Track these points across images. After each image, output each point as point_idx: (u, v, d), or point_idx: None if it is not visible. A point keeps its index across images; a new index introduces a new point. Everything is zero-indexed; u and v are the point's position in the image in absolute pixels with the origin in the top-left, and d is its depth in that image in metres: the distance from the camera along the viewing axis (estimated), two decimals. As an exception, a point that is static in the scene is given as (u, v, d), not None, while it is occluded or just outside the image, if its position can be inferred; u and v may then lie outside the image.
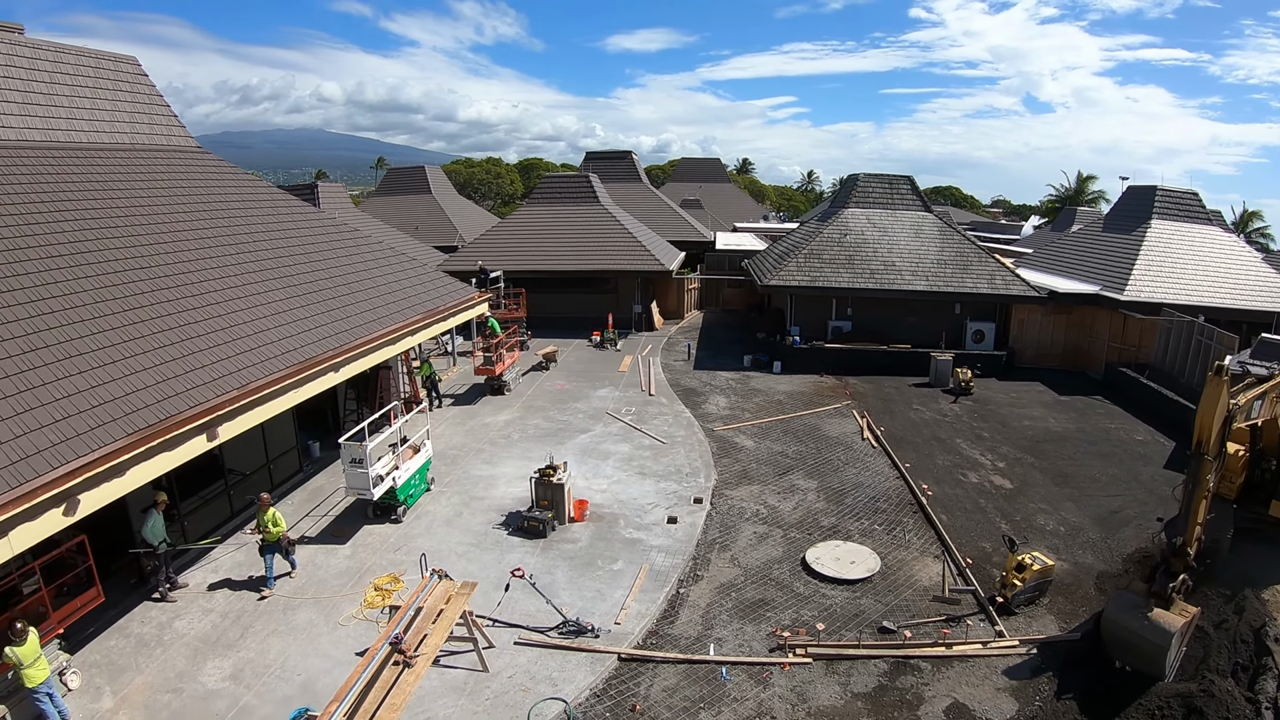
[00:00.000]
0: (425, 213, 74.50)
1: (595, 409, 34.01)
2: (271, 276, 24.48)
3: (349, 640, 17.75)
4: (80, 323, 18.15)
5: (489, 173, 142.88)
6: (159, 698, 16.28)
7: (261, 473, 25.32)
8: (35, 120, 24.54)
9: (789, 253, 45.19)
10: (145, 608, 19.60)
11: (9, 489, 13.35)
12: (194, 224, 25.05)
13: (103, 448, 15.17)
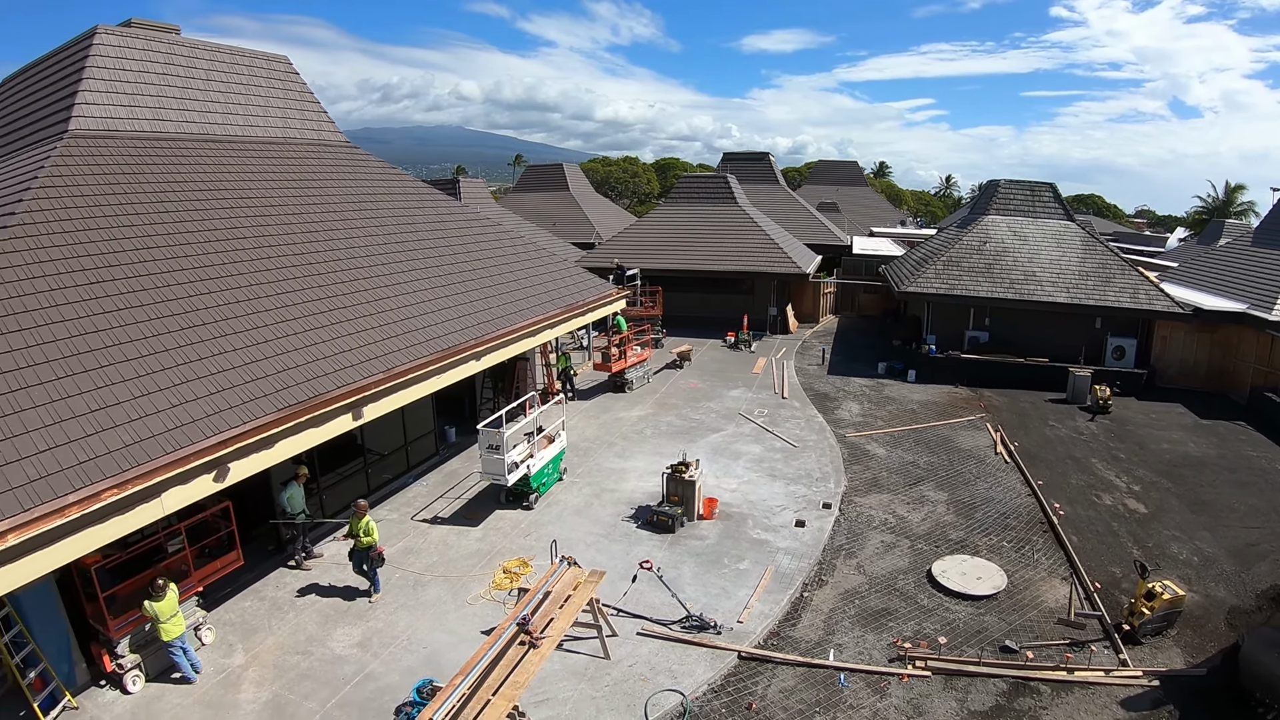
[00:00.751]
0: (563, 209, 75.22)
1: (728, 409, 34.04)
2: (417, 266, 25.33)
3: (475, 619, 18.34)
4: (236, 304, 19.38)
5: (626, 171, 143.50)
6: (288, 658, 17.27)
7: (399, 454, 26.30)
8: (193, 115, 26.09)
9: (927, 259, 44.24)
10: (280, 574, 20.81)
11: (164, 454, 14.44)
12: (343, 214, 26.17)
13: (253, 421, 16.18)
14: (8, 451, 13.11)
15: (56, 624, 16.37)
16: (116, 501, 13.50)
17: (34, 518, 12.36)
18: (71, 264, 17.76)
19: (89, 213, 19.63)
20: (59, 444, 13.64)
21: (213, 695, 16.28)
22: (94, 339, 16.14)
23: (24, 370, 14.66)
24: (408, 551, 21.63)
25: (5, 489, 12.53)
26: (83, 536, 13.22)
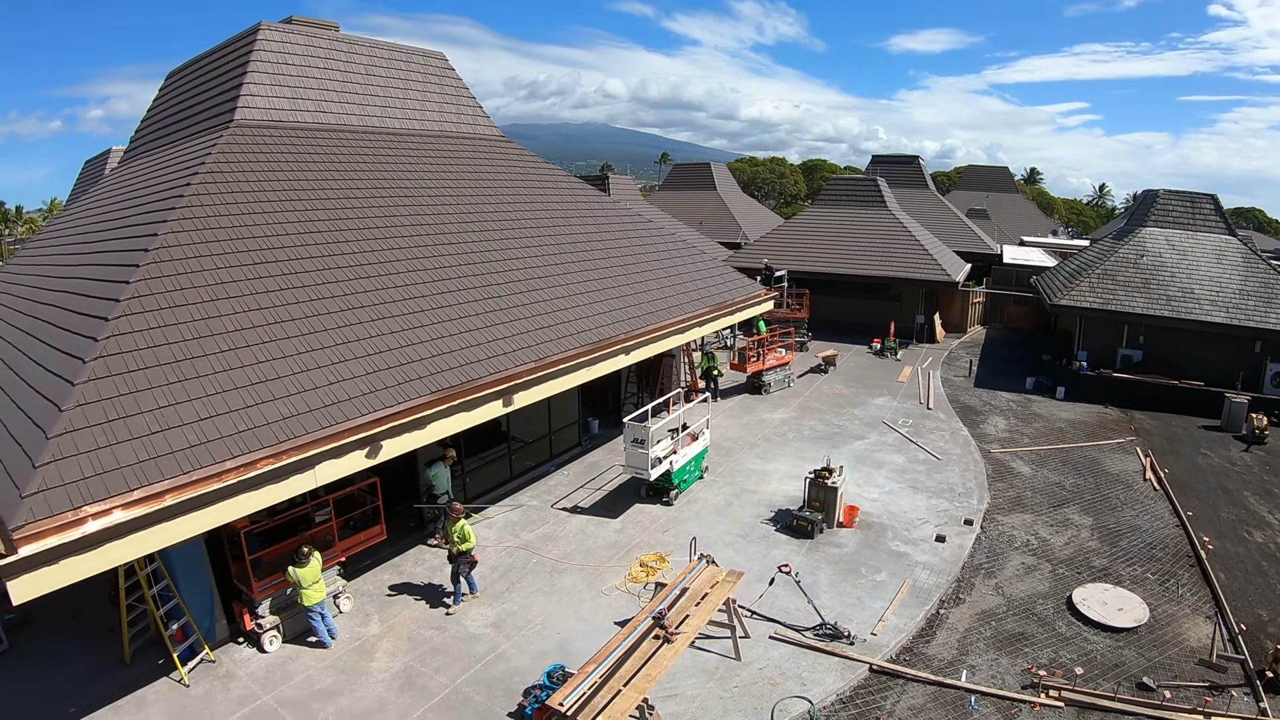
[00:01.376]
0: (710, 208, 75.08)
1: (872, 417, 33.43)
2: (569, 259, 25.67)
3: (609, 609, 18.49)
4: (393, 289, 20.04)
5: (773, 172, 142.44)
6: (422, 632, 17.86)
7: (543, 442, 26.74)
8: (352, 107, 27.17)
9: (1080, 272, 42.25)
10: (419, 551, 21.56)
11: (320, 428, 15.09)
12: (498, 206, 26.76)
13: (407, 401, 16.73)
14: (171, 417, 13.94)
15: (202, 581, 17.46)
16: (272, 470, 14.16)
17: (192, 480, 13.08)
18: (237, 245, 18.76)
19: (254, 197, 20.68)
20: (220, 413, 14.41)
21: (346, 661, 16.99)
22: (256, 316, 16.99)
23: (189, 342, 15.55)
24: (546, 538, 21.97)
25: (167, 452, 13.31)
26: (237, 501, 13.90)
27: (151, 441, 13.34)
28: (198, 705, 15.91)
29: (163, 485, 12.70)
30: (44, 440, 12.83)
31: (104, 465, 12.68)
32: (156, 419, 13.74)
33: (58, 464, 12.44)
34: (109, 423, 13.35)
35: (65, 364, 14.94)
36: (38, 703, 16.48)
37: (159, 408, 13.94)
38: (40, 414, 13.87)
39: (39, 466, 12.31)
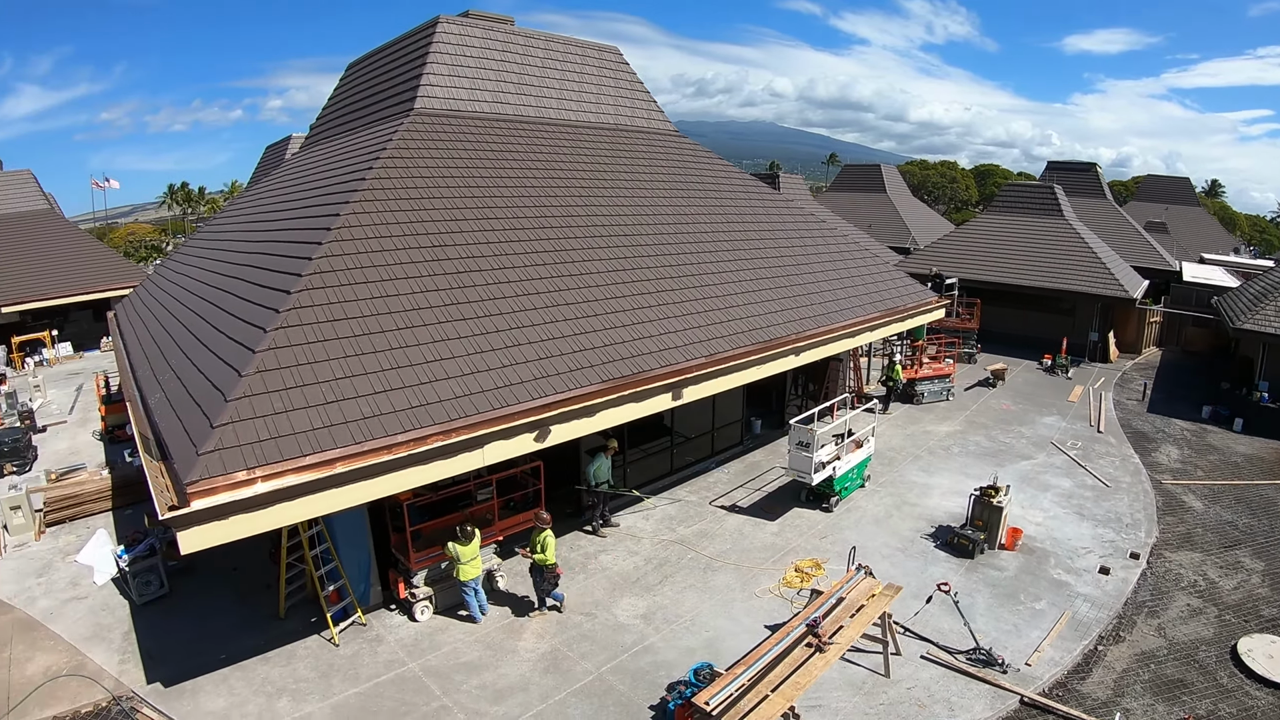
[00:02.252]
0: (879, 211, 73.65)
1: (1039, 436, 32.05)
2: (741, 256, 25.47)
3: (760, 611, 18.27)
4: (568, 278, 20.31)
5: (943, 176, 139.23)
6: (572, 617, 18.06)
7: (704, 439, 26.65)
8: (529, 99, 27.74)
9: (1266, 294, 38.77)
10: (576, 537, 21.78)
11: (491, 409, 15.39)
12: (672, 200, 26.77)
13: (578, 389, 16.91)
14: (346, 389, 14.48)
15: (362, 547, 18.22)
16: (442, 447, 14.50)
17: (364, 450, 13.53)
18: (416, 228, 19.38)
19: (432, 183, 21.34)
20: (394, 388, 14.89)
21: (494, 638, 17.35)
22: (433, 297, 17.49)
23: (367, 319, 16.16)
24: (702, 535, 21.88)
25: (341, 422, 13.83)
26: (405, 474, 14.32)
27: (326, 411, 13.86)
28: (345, 664, 16.66)
29: (335, 453, 13.19)
30: (223, 402, 13.51)
31: (279, 430, 13.25)
32: (333, 389, 14.28)
33: (234, 425, 13.07)
34: (286, 390, 13.96)
35: (247, 333, 15.71)
36: (193, 646, 17.69)
37: (335, 379, 14.48)
38: (221, 378, 14.63)
39: (216, 427, 12.97)
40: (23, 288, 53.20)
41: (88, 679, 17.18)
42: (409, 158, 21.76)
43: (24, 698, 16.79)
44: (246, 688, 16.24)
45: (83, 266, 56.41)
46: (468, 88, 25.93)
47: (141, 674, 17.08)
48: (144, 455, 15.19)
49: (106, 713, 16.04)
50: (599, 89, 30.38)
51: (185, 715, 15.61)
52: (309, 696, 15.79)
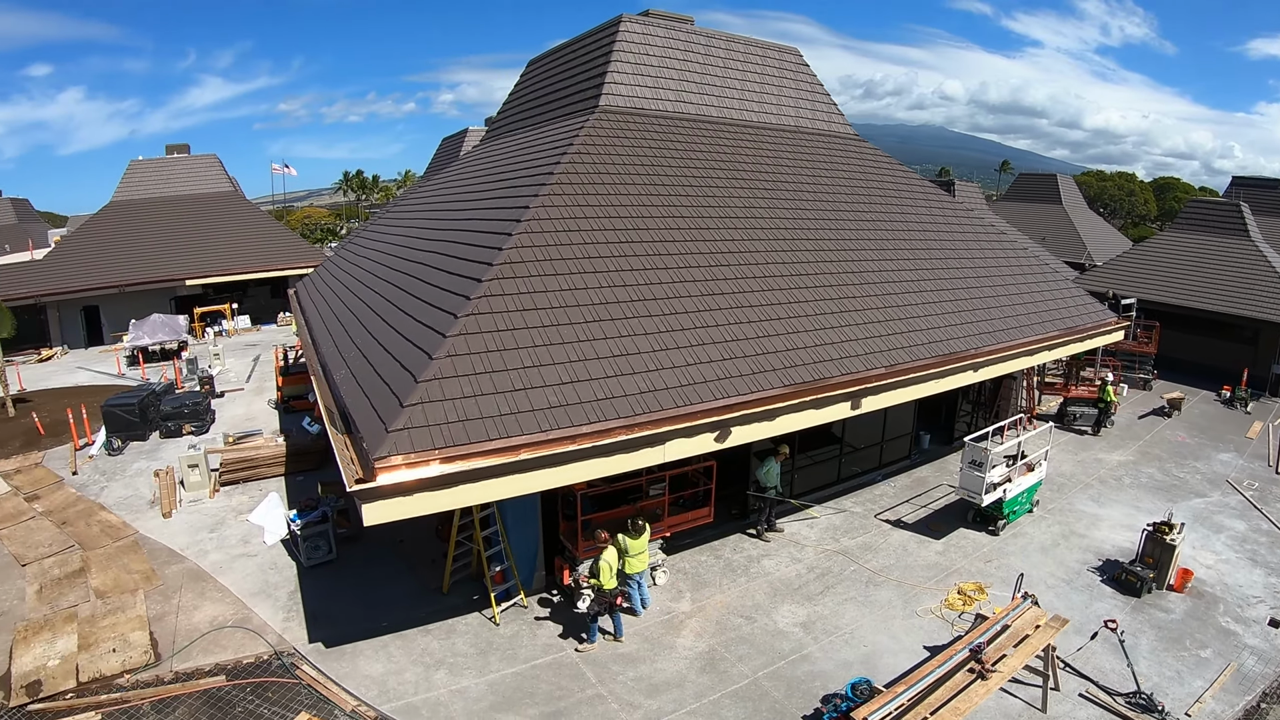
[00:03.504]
0: (1053, 223, 70.61)
1: (1214, 473, 30.27)
2: (921, 265, 24.87)
3: (920, 631, 17.84)
4: (751, 279, 20.24)
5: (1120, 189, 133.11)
6: (731, 619, 17.94)
7: (872, 450, 26.20)
8: (710, 98, 27.67)
9: None
10: (739, 539, 21.68)
11: (675, 406, 15.47)
12: (853, 205, 26.41)
13: (759, 392, 16.79)
14: (534, 378, 14.78)
15: (531, 532, 18.65)
16: (625, 441, 14.66)
17: (549, 439, 13.76)
18: (604, 222, 19.64)
19: (618, 179, 21.60)
20: (580, 379, 15.12)
21: (653, 632, 17.43)
22: (620, 292, 17.70)
23: (555, 310, 16.46)
24: (865, 548, 21.51)
25: (528, 409, 14.07)
26: (587, 465, 14.52)
27: (513, 398, 14.16)
28: (503, 644, 17.04)
29: (520, 440, 13.46)
30: (413, 383, 13.93)
31: (466, 414, 13.60)
32: (521, 377, 14.60)
33: (423, 406, 13.48)
34: (475, 375, 14.33)
35: (438, 318, 16.20)
36: (355, 611, 18.53)
37: (524, 367, 14.80)
38: (411, 360, 15.11)
39: (406, 406, 13.39)
40: (206, 263, 56.42)
41: (251, 632, 18.02)
42: (595, 154, 22.07)
43: (189, 643, 17.77)
44: (405, 656, 16.78)
45: (263, 245, 59.83)
46: (651, 86, 26.11)
47: (304, 632, 17.85)
48: (330, 428, 15.67)
49: (267, 665, 16.81)
50: (779, 90, 30.13)
51: (343, 676, 16.24)
52: (466, 671, 16.20)
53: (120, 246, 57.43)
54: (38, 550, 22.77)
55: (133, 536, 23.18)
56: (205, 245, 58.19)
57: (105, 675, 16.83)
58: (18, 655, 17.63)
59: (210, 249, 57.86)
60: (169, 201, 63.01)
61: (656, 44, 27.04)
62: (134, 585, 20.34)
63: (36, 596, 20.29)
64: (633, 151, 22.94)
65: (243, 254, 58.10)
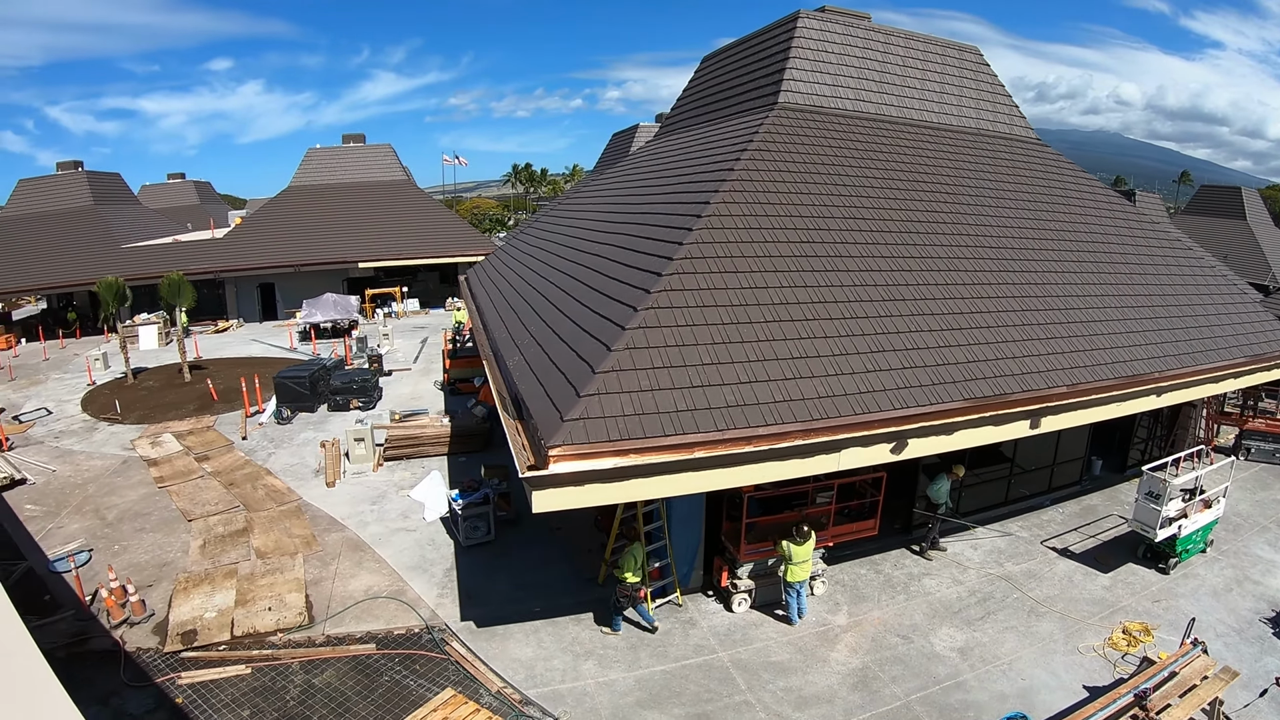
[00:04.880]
0: (1236, 241, 66.47)
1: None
2: (1105, 279, 23.62)
3: (1080, 668, 16.93)
4: (931, 286, 19.49)
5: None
6: (887, 637, 17.39)
7: (1042, 473, 25.09)
8: (889, 98, 26.99)
9: None
10: (901, 555, 21.07)
11: (853, 414, 14.96)
12: (1035, 214, 25.23)
13: (938, 404, 16.12)
14: (712, 375, 14.51)
15: (694, 530, 18.42)
16: (801, 446, 14.29)
17: (725, 439, 13.50)
18: (784, 221, 19.26)
19: (799, 177, 21.17)
20: (759, 380, 14.79)
21: (807, 643, 17.04)
22: (801, 293, 17.28)
23: (735, 308, 16.17)
24: (1029, 575, 20.58)
25: (704, 407, 13.87)
26: (761, 468, 14.24)
27: (690, 394, 13.95)
28: (655, 641, 16.99)
29: (696, 438, 13.23)
30: (590, 374, 13.87)
31: (642, 408, 13.44)
32: (699, 374, 14.37)
33: (600, 397, 13.37)
34: (652, 369, 14.16)
35: (617, 310, 16.10)
36: (509, 594, 18.86)
37: (702, 364, 14.57)
38: (588, 350, 15.07)
39: (582, 396, 13.32)
40: (379, 247, 58.70)
41: (405, 604, 18.46)
42: (775, 152, 21.71)
43: (343, 609, 18.30)
44: (555, 643, 16.89)
45: (434, 233, 61.96)
46: (829, 84, 25.59)
47: (456, 610, 18.17)
48: (502, 413, 15.83)
49: (417, 638, 17.15)
50: (959, 90, 29.19)
51: (491, 656, 16.45)
52: (615, 664, 16.20)
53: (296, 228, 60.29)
54: (204, 508, 23.76)
55: (296, 502, 23.98)
56: (378, 230, 60.56)
57: (259, 631, 17.52)
58: (176, 605, 18.47)
59: (383, 234, 60.20)
60: (344, 187, 65.95)
61: (834, 40, 26.51)
62: (294, 549, 21.02)
63: (199, 551, 21.20)
64: (812, 150, 22.48)
65: (414, 240, 60.23)
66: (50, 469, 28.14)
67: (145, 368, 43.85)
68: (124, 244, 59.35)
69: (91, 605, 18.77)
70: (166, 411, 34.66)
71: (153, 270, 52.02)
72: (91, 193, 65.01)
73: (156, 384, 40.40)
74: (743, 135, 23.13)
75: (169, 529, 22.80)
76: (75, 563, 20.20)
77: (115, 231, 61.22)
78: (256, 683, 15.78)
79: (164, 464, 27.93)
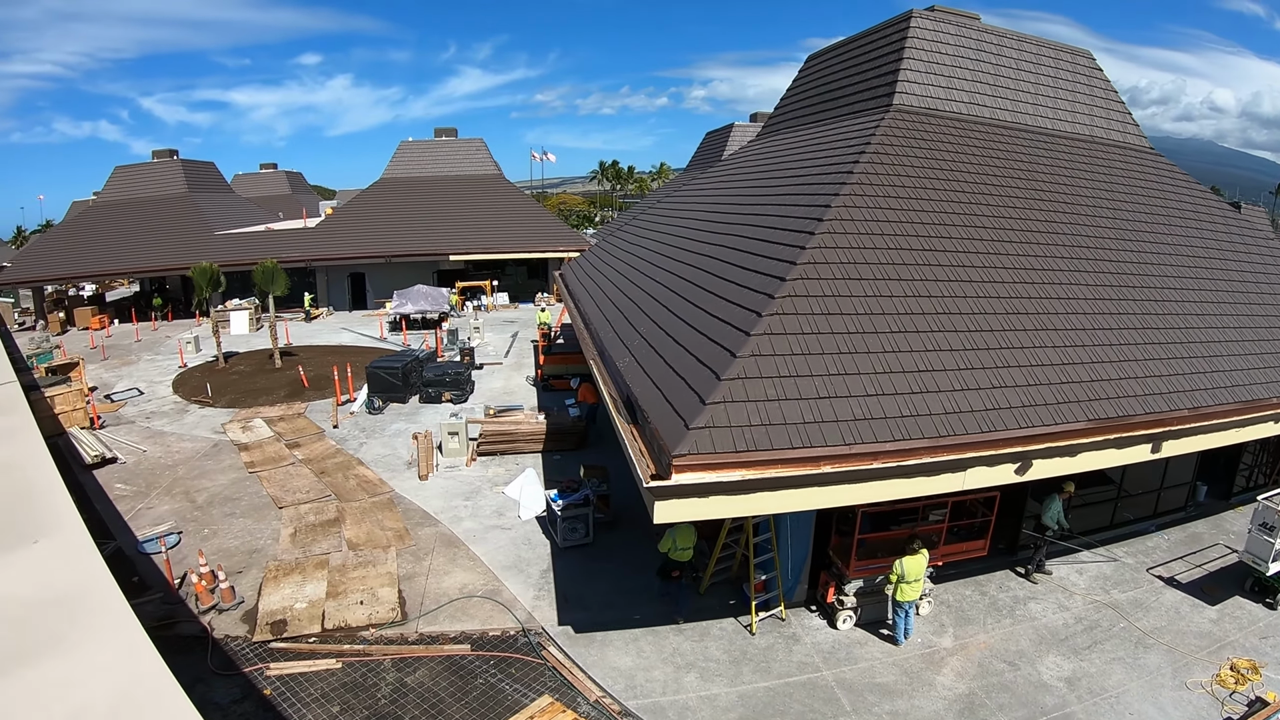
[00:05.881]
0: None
1: None
2: (1223, 297, 22.72)
3: (1188, 705, 16.12)
4: (1052, 300, 18.79)
5: None
6: (993, 663, 16.69)
7: (1147, 498, 24.16)
8: (1004, 102, 26.21)
9: None
10: (1006, 576, 20.28)
11: (980, 432, 14.39)
12: (1152, 225, 24.33)
13: (1062, 424, 15.42)
14: (838, 386, 14.06)
15: (803, 544, 17.93)
16: (927, 464, 13.77)
17: (852, 454, 13.08)
18: (904, 228, 18.72)
19: (917, 183, 20.58)
20: (885, 393, 14.31)
21: (912, 665, 16.45)
22: (925, 303, 16.77)
23: (860, 316, 15.71)
24: (1136, 604, 19.74)
25: (831, 420, 13.46)
26: (887, 485, 13.73)
27: (817, 406, 13.52)
28: (757, 655, 16.50)
29: (822, 451, 12.83)
30: (715, 381, 13.51)
31: (769, 418, 13.06)
32: (825, 384, 13.94)
33: (725, 405, 13.01)
34: (778, 378, 13.77)
35: (739, 315, 15.70)
36: (608, 599, 18.63)
37: (828, 374, 14.14)
38: (709, 356, 14.70)
39: (707, 404, 12.96)
40: (470, 240, 59.46)
41: (500, 605, 18.24)
42: (892, 155, 21.16)
43: (437, 606, 18.18)
44: (656, 653, 16.53)
45: (525, 228, 62.52)
46: (943, 86, 24.95)
47: (553, 613, 17.90)
48: (615, 416, 15.56)
49: (513, 641, 16.90)
50: (1073, 95, 28.29)
51: (590, 664, 16.13)
52: (717, 678, 15.78)
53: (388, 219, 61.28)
54: (295, 495, 23.90)
55: (388, 494, 23.99)
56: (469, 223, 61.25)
57: (349, 625, 17.44)
58: (266, 593, 18.52)
59: (474, 227, 60.88)
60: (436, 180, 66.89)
61: (947, 42, 25.86)
62: (386, 542, 20.99)
63: (290, 539, 21.29)
64: (929, 155, 21.87)
65: (505, 234, 60.82)
66: (141, 449, 28.57)
67: (236, 352, 44.59)
68: (217, 231, 60.69)
69: (180, 589, 18.94)
70: (257, 397, 35.11)
71: (245, 257, 53.13)
72: (186, 180, 66.49)
73: (247, 369, 41.02)
74: (858, 137, 22.62)
75: (259, 515, 22.95)
76: (165, 545, 20.45)
77: (208, 218, 62.68)
78: (347, 678, 15.73)
79: (255, 449, 28.21)
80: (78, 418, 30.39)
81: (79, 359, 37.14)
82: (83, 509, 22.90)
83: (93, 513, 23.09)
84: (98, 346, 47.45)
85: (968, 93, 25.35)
